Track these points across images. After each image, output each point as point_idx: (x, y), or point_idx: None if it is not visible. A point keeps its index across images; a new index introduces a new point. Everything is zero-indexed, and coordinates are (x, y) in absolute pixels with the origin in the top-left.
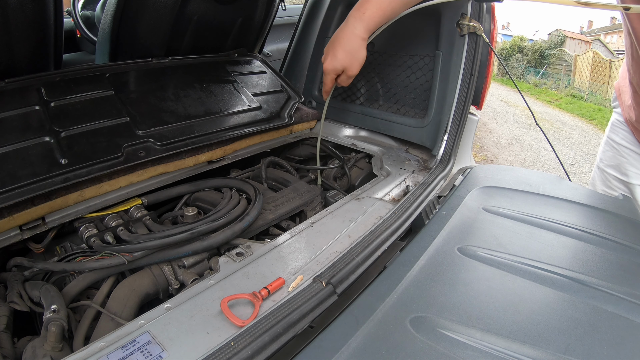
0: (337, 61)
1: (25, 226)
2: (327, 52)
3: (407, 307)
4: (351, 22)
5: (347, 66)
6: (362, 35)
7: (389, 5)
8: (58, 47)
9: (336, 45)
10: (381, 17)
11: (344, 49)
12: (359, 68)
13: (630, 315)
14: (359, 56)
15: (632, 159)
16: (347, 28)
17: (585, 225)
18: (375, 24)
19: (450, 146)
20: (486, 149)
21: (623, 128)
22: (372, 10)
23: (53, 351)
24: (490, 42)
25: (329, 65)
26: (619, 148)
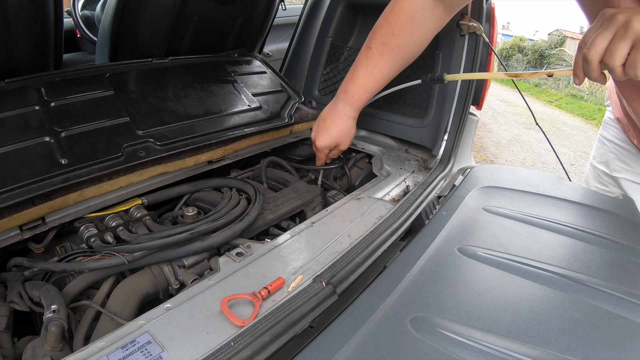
0: (331, 139)
1: (25, 226)
2: (319, 131)
3: (407, 307)
4: (341, 105)
5: (340, 142)
6: (353, 115)
7: (374, 86)
8: (58, 47)
9: (329, 124)
10: (367, 97)
11: (337, 128)
12: (350, 143)
13: (630, 315)
14: (350, 133)
15: (621, 155)
16: (338, 109)
17: (585, 225)
18: (363, 103)
19: (450, 146)
20: (486, 149)
21: (614, 125)
22: (358, 94)
23: (53, 351)
24: (490, 42)
25: (323, 143)
26: (609, 145)
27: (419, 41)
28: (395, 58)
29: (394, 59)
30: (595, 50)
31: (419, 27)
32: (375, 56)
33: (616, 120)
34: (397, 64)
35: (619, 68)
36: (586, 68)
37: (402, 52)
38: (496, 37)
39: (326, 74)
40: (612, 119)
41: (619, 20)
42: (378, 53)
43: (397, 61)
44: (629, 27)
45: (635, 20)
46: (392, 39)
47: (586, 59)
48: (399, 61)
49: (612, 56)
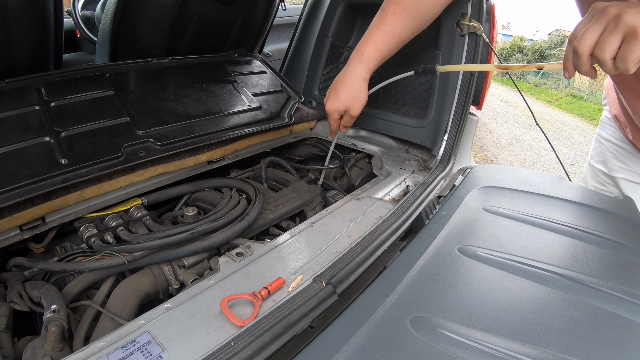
0: (339, 102)
1: (25, 226)
2: (329, 94)
3: (407, 307)
4: (352, 65)
5: (350, 107)
6: (364, 75)
7: (386, 45)
8: (58, 47)
9: (339, 86)
10: (380, 56)
11: (346, 90)
12: (361, 108)
13: (630, 315)
14: (361, 97)
15: (618, 154)
16: (349, 70)
17: (585, 225)
18: (376, 64)
19: (450, 146)
20: (486, 149)
21: (611, 124)
22: (370, 52)
23: (53, 351)
24: (490, 42)
25: (332, 106)
26: (606, 144)
27: (431, 6)
28: (408, 18)
29: (406, 19)
30: (585, 43)
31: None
32: (388, 15)
33: (613, 119)
34: (409, 24)
35: (609, 61)
36: (576, 61)
37: (415, 13)
38: (496, 37)
39: (326, 74)
40: (609, 117)
41: (610, 13)
42: (391, 12)
43: (409, 21)
44: (620, 20)
45: (626, 13)
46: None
47: (576, 52)
48: (412, 22)
49: (602, 49)
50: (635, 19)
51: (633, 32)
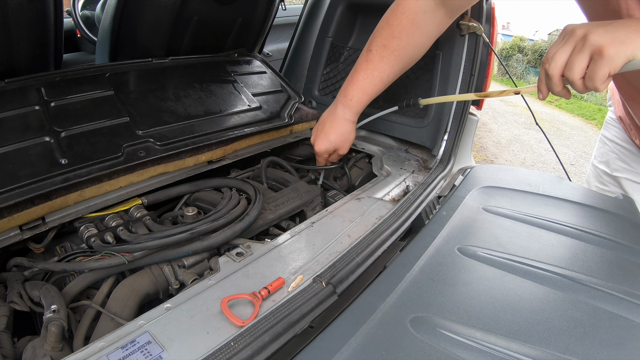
0: (330, 143)
1: (25, 226)
2: (318, 135)
3: (407, 307)
4: (340, 109)
5: (339, 147)
6: (352, 119)
7: (374, 89)
8: (58, 47)
9: (328, 128)
10: (367, 99)
11: (336, 132)
12: (349, 147)
13: (630, 315)
14: (350, 138)
15: (621, 154)
16: (337, 114)
17: (585, 225)
18: (362, 106)
19: (450, 146)
20: (486, 149)
21: (615, 125)
22: (357, 97)
23: (53, 351)
24: (490, 42)
25: (322, 148)
26: (610, 144)
27: (420, 44)
28: (396, 61)
29: (394, 62)
30: (555, 65)
31: (420, 30)
32: (375, 59)
33: (618, 120)
34: (397, 67)
35: (578, 81)
36: (549, 83)
37: (403, 55)
38: (496, 37)
39: (326, 74)
40: (614, 118)
41: (577, 34)
42: (378, 56)
43: (397, 64)
44: (586, 40)
45: (592, 33)
46: (393, 42)
47: (548, 74)
48: (400, 64)
49: (571, 70)
50: (601, 38)
51: (599, 52)
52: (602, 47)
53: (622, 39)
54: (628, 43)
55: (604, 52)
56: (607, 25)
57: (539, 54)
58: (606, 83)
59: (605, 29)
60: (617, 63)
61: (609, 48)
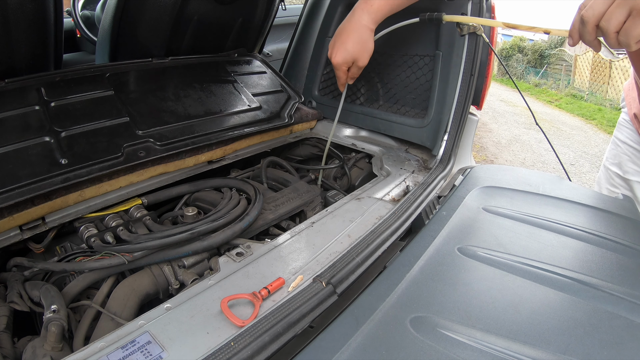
0: (347, 53)
1: (25, 226)
2: (335, 45)
3: (407, 307)
4: (358, 14)
5: (358, 57)
6: (370, 26)
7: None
8: (58, 47)
9: (344, 37)
10: (388, 8)
11: (353, 40)
12: (368, 58)
13: (630, 315)
14: (368, 47)
15: (633, 157)
16: (355, 19)
17: (586, 225)
18: (383, 15)
19: (450, 146)
20: (486, 149)
21: (628, 127)
22: (379, 2)
23: (53, 351)
24: (490, 42)
25: (340, 58)
26: (622, 146)
27: None
28: None
29: None
30: (593, 13)
31: None
32: None
33: (632, 119)
34: None
35: (613, 34)
36: (582, 30)
37: None
38: (496, 37)
39: (326, 74)
40: (627, 120)
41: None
42: None
43: None
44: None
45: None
46: None
47: (583, 20)
48: None
49: (608, 21)
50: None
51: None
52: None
53: None
54: None
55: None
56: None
57: (539, 54)
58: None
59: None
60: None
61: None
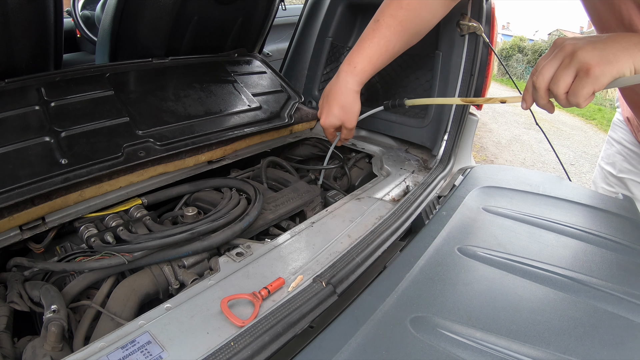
0: (334, 117)
1: (25, 226)
2: (322, 108)
3: (407, 307)
4: (343, 77)
5: (344, 120)
6: (355, 88)
7: (379, 59)
8: (58, 47)
9: (331, 100)
10: (372, 69)
11: (338, 104)
12: (355, 120)
13: (630, 315)
14: (354, 110)
15: (628, 157)
16: (340, 83)
17: (586, 225)
18: (367, 77)
19: (450, 146)
20: (486, 149)
21: (622, 127)
22: (363, 64)
23: (53, 351)
24: (490, 42)
25: (327, 122)
26: (617, 146)
27: (425, 20)
28: (403, 32)
29: (401, 32)
30: (542, 78)
31: (427, 6)
32: (382, 28)
33: (625, 121)
34: (403, 38)
35: (562, 96)
36: (534, 94)
37: (410, 27)
38: (496, 37)
39: (326, 74)
40: (621, 120)
41: (567, 49)
42: (385, 25)
43: (404, 35)
44: (574, 57)
45: (580, 50)
46: (400, 12)
47: (535, 86)
48: (406, 36)
49: (556, 84)
50: (589, 56)
51: (585, 70)
52: (588, 65)
53: (610, 57)
54: (615, 62)
55: (590, 70)
56: (597, 42)
57: (539, 54)
58: (589, 100)
59: (593, 46)
60: (602, 82)
61: (596, 67)
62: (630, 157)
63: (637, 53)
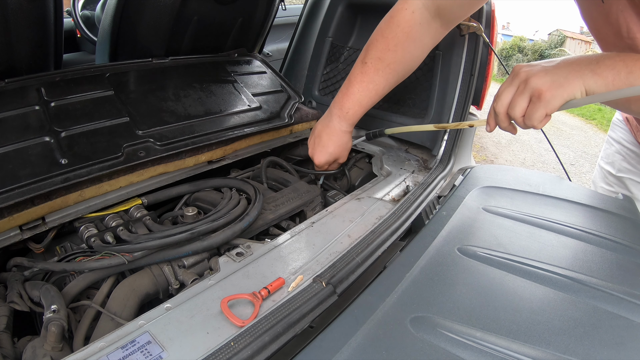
0: (329, 155)
1: (25, 226)
2: (315, 148)
3: (407, 307)
4: (336, 121)
5: (339, 156)
6: (349, 129)
7: (369, 101)
8: (58, 47)
9: (325, 140)
10: (362, 112)
11: (334, 144)
12: (347, 156)
13: (630, 315)
14: (347, 147)
15: (627, 156)
16: (333, 126)
17: (585, 225)
18: (358, 118)
19: (450, 146)
20: (486, 149)
21: (621, 126)
22: (354, 109)
23: (53, 351)
24: (490, 42)
25: (322, 160)
26: (616, 145)
27: (415, 56)
28: (391, 74)
29: (389, 75)
30: (501, 104)
31: (416, 42)
32: (370, 71)
33: (624, 121)
34: (392, 80)
35: (520, 119)
36: (496, 118)
37: (398, 68)
38: (496, 37)
39: (326, 74)
40: (621, 120)
41: (521, 76)
42: (374, 68)
43: (392, 77)
44: (527, 83)
45: (533, 77)
46: (388, 55)
47: (495, 111)
48: (394, 77)
49: (513, 109)
50: (540, 82)
51: (537, 95)
52: (540, 90)
53: (561, 81)
54: (566, 86)
55: (542, 95)
56: (549, 67)
57: (539, 54)
58: (544, 122)
59: (545, 72)
60: (554, 105)
61: (547, 92)
62: (629, 157)
63: (588, 74)
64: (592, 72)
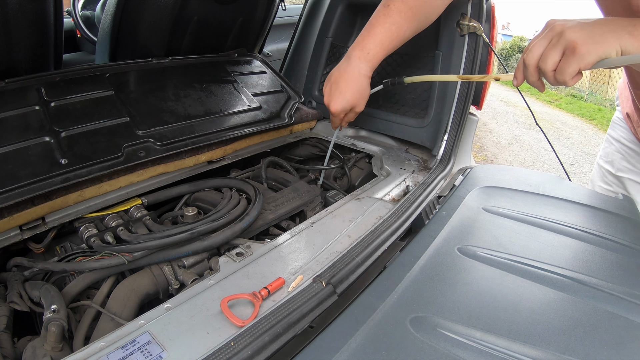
0: (346, 102)
1: (25, 226)
2: (332, 94)
3: (407, 307)
4: (355, 62)
5: (356, 104)
6: (368, 74)
7: (391, 44)
8: (58, 47)
9: (343, 85)
10: (383, 55)
11: (352, 89)
12: (364, 104)
13: (630, 315)
14: (366, 94)
15: (626, 155)
16: (352, 68)
17: (586, 225)
18: (379, 61)
19: (450, 146)
20: (486, 149)
21: (621, 125)
22: (375, 50)
23: (53, 351)
24: (490, 42)
25: (339, 106)
26: (616, 144)
27: (435, 5)
28: (413, 17)
29: (412, 18)
30: (532, 56)
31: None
32: (393, 13)
33: (625, 118)
34: (414, 24)
35: (550, 73)
36: (525, 72)
37: (420, 13)
38: (496, 37)
39: (326, 74)
40: (621, 118)
41: (556, 29)
42: (396, 10)
43: (414, 21)
44: (562, 36)
45: (568, 29)
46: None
47: (525, 63)
48: (416, 21)
49: (544, 62)
50: (576, 35)
51: (572, 48)
52: (575, 43)
53: (597, 38)
54: (602, 42)
55: (576, 49)
56: (586, 23)
57: None
58: (576, 79)
59: (582, 27)
60: (588, 61)
61: (582, 46)
62: (629, 156)
63: (625, 35)
64: (629, 33)
